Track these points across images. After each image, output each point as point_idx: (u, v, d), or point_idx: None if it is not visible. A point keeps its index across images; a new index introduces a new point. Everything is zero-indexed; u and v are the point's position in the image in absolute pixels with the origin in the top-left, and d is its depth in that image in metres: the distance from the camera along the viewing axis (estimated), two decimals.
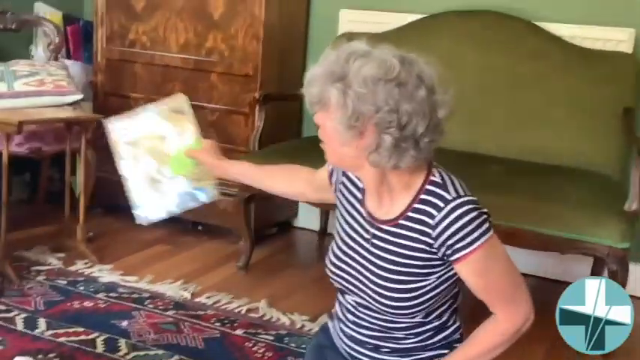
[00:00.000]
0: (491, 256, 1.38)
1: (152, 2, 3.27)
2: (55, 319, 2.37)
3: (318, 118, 1.36)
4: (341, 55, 1.31)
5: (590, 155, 2.75)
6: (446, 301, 1.47)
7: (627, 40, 2.82)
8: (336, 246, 1.52)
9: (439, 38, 2.99)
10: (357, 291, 1.47)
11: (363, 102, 1.27)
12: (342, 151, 1.36)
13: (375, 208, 1.45)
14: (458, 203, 1.35)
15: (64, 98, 2.99)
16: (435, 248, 1.38)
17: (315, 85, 1.32)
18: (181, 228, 3.40)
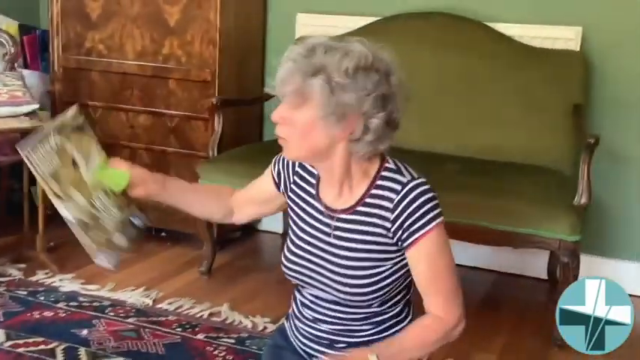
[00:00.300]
0: (441, 243, 1.43)
1: (107, 10, 3.27)
2: (14, 329, 2.36)
3: (292, 111, 1.37)
4: (309, 48, 1.36)
5: (543, 152, 2.81)
6: (400, 290, 1.51)
7: (575, 38, 2.89)
8: (292, 243, 1.55)
9: (393, 40, 2.95)
10: (316, 283, 1.49)
11: (348, 90, 1.33)
12: (315, 142, 1.38)
13: (333, 199, 1.48)
14: (414, 184, 1.41)
15: (19, 108, 2.97)
16: (391, 233, 1.43)
17: (293, 78, 1.35)
18: (144, 235, 3.40)
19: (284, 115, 1.39)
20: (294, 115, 1.37)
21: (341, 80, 1.33)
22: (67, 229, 3.34)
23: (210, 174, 2.83)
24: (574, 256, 2.37)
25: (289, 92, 1.36)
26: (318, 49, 1.36)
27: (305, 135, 1.38)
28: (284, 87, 1.37)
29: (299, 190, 1.55)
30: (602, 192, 2.94)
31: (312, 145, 1.40)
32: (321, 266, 1.48)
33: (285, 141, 1.41)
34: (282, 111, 1.40)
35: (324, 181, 1.50)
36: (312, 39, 1.40)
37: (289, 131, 1.39)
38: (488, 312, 2.78)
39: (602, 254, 3.02)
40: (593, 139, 2.40)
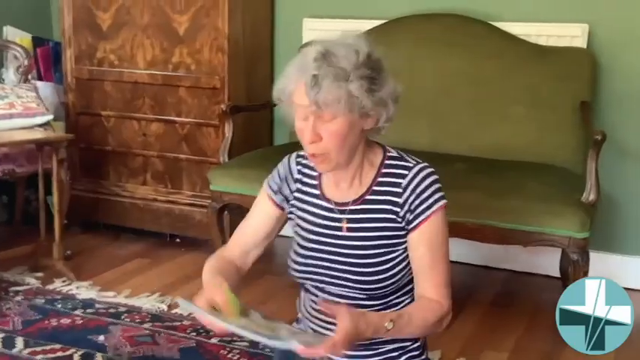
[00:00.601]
0: (443, 226, 1.48)
1: (118, 20, 3.32)
2: (32, 337, 2.40)
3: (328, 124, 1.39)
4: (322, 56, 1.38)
5: (551, 150, 2.82)
6: (409, 280, 1.54)
7: (581, 36, 2.89)
8: (299, 246, 1.57)
9: (400, 43, 3.05)
10: (330, 279, 1.52)
11: (375, 82, 1.40)
12: (351, 144, 1.44)
13: (342, 194, 1.53)
14: (420, 167, 1.49)
15: (33, 120, 3.04)
16: (400, 217, 1.48)
17: (336, 92, 1.36)
18: (159, 241, 3.45)
19: (320, 130, 1.40)
20: (332, 127, 1.40)
21: (367, 74, 1.38)
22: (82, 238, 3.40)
23: (221, 179, 2.87)
24: (584, 253, 2.38)
25: (336, 107, 1.37)
26: (331, 55, 1.39)
27: (344, 142, 1.42)
28: (329, 104, 1.37)
29: (303, 195, 1.58)
30: (611, 188, 2.95)
31: (350, 149, 1.45)
32: (335, 261, 1.51)
33: (327, 156, 1.43)
34: (317, 127, 1.40)
35: (333, 179, 1.53)
36: (315, 47, 1.42)
37: (329, 144, 1.41)
38: (500, 310, 2.79)
39: (611, 250, 3.03)
40: (600, 136, 2.41)
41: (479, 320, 2.68)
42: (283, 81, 1.45)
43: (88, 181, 3.55)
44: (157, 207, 3.40)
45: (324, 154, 1.43)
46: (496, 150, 2.87)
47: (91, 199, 3.53)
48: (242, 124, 3.20)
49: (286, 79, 1.44)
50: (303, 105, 1.40)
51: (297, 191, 1.59)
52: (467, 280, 3.07)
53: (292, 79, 1.42)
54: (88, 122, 3.50)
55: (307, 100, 1.38)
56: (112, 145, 3.47)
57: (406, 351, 1.58)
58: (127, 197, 3.46)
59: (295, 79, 1.41)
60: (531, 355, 2.41)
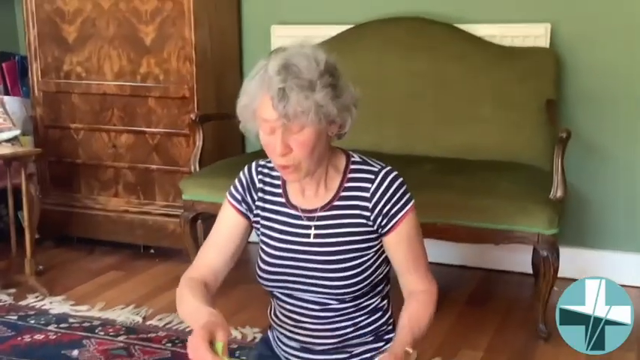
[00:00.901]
0: (417, 223, 1.52)
1: (83, 33, 3.30)
2: (6, 354, 2.38)
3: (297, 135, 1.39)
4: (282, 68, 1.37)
5: (518, 148, 2.86)
6: (381, 279, 1.56)
7: (544, 35, 2.94)
8: (266, 254, 1.56)
9: (367, 47, 3.08)
10: (300, 286, 1.52)
11: (338, 88, 1.41)
12: (320, 152, 1.45)
13: (309, 200, 1.53)
14: (385, 172, 1.50)
15: (1, 135, 3.01)
16: (371, 221, 1.49)
17: (304, 103, 1.36)
18: (133, 253, 3.43)
19: (289, 141, 1.40)
20: (301, 137, 1.40)
21: (330, 82, 1.39)
22: (55, 252, 3.36)
23: (193, 189, 2.86)
24: (553, 249, 2.41)
25: (306, 119, 1.37)
26: (293, 66, 1.38)
27: (313, 151, 1.42)
28: (298, 116, 1.36)
29: (266, 204, 1.57)
30: (580, 185, 3.00)
31: (319, 157, 1.45)
32: (304, 268, 1.51)
33: (297, 166, 1.43)
34: (286, 139, 1.39)
35: (298, 186, 1.53)
36: (274, 60, 1.40)
37: (300, 155, 1.41)
38: (475, 309, 2.82)
39: (583, 245, 3.07)
40: (565, 133, 2.44)
41: (454, 320, 2.70)
42: (245, 98, 1.44)
43: (59, 194, 3.52)
44: (131, 218, 3.38)
45: (294, 165, 1.43)
46: (465, 150, 2.90)
47: (63, 212, 3.50)
48: (213, 132, 3.20)
49: (248, 96, 1.43)
50: (271, 119, 1.39)
51: (260, 200, 1.58)
52: (442, 280, 3.03)
53: (256, 95, 1.41)
54: (57, 136, 3.48)
55: (275, 114, 1.37)
56: (82, 157, 3.45)
57: (379, 352, 1.58)
58: (100, 210, 3.44)
59: (259, 95, 1.40)
60: (506, 351, 2.44)
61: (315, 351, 1.56)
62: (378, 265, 1.54)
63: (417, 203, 1.51)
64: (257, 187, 1.58)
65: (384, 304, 1.60)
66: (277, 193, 1.57)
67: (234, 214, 1.58)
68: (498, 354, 2.42)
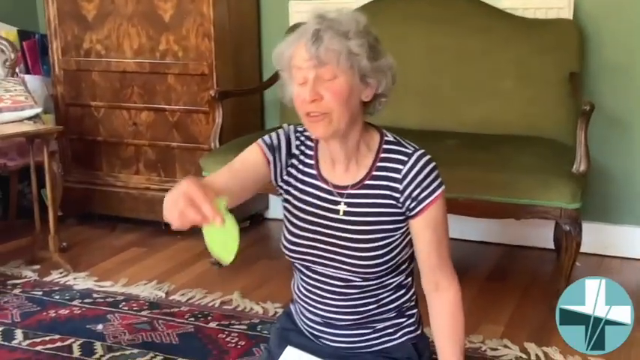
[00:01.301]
0: (444, 210, 1.51)
1: (103, 10, 3.30)
2: (31, 329, 2.41)
3: (329, 82, 1.38)
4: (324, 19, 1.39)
5: (541, 122, 2.83)
6: (405, 260, 1.56)
7: (567, 7, 2.89)
8: (293, 225, 1.56)
9: (387, 21, 3.04)
10: (325, 261, 1.52)
11: (375, 49, 1.41)
12: (352, 108, 1.43)
13: (341, 176, 1.52)
14: (419, 154, 1.48)
15: (22, 113, 3.03)
16: (400, 202, 1.48)
17: (335, 46, 1.36)
18: (154, 230, 3.46)
19: (320, 89, 1.38)
20: (333, 86, 1.38)
21: (368, 39, 1.39)
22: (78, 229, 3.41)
23: (212, 166, 2.86)
24: (576, 224, 2.39)
25: (336, 60, 1.36)
26: (332, 17, 1.39)
27: (346, 102, 1.40)
28: (329, 57, 1.36)
29: (298, 173, 1.56)
30: (604, 158, 2.96)
31: (351, 113, 1.43)
32: (331, 243, 1.51)
33: (327, 116, 1.40)
34: (317, 86, 1.38)
35: (329, 160, 1.53)
36: (314, 13, 1.42)
37: (331, 104, 1.39)
38: (496, 284, 2.81)
39: (605, 220, 3.04)
40: (589, 106, 2.41)
41: (475, 295, 2.69)
42: (282, 45, 1.45)
43: (81, 172, 3.55)
44: (151, 195, 3.40)
45: (325, 114, 1.40)
46: (486, 125, 2.88)
47: (85, 190, 3.53)
48: (232, 109, 3.19)
49: (286, 43, 1.44)
50: (303, 64, 1.38)
51: (292, 167, 1.56)
52: (463, 256, 3.08)
53: (292, 43, 1.42)
54: (78, 113, 3.50)
55: (307, 55, 1.37)
56: (103, 135, 3.47)
57: (402, 327, 1.60)
58: (121, 187, 3.46)
59: (296, 42, 1.41)
60: (527, 326, 2.43)
61: (338, 325, 1.57)
62: (404, 246, 1.53)
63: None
64: (292, 152, 1.56)
65: (407, 281, 1.60)
66: (310, 164, 1.55)
67: (261, 159, 1.53)
68: (519, 329, 2.41)
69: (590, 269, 2.86)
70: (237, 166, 1.53)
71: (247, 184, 1.52)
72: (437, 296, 1.55)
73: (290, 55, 1.42)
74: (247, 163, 1.53)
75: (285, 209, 1.59)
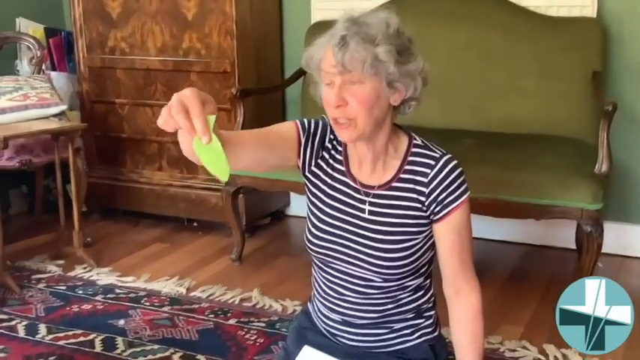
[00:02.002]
0: (468, 215, 1.51)
1: (127, 8, 3.34)
2: (55, 323, 2.46)
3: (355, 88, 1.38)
4: (353, 23, 1.39)
5: (562, 121, 2.81)
6: (425, 262, 1.57)
7: (590, 5, 2.86)
8: (317, 219, 1.57)
9: (410, 18, 2.93)
10: (347, 257, 1.53)
11: (404, 54, 1.40)
12: (378, 114, 1.43)
13: (367, 176, 1.53)
14: (446, 159, 1.48)
15: (48, 110, 3.08)
16: (425, 206, 1.49)
17: (361, 52, 1.36)
18: (177, 226, 3.50)
19: (345, 95, 1.39)
20: (359, 92, 1.39)
21: (397, 44, 1.39)
22: (102, 225, 3.44)
23: None
24: (597, 225, 2.37)
25: (360, 67, 1.36)
26: (363, 22, 1.39)
27: (371, 109, 1.40)
28: (354, 64, 1.36)
29: (327, 167, 1.56)
30: (627, 158, 2.93)
31: (377, 118, 1.43)
32: (354, 241, 1.52)
33: (353, 121, 1.41)
34: (343, 92, 1.39)
35: (357, 159, 1.53)
36: (346, 15, 1.42)
37: (356, 110, 1.40)
38: (516, 284, 2.80)
39: (627, 221, 3.01)
40: (611, 106, 2.39)
41: (495, 295, 2.69)
42: (313, 48, 1.45)
43: (105, 168, 3.60)
44: (174, 192, 3.43)
45: (350, 120, 1.41)
46: (507, 123, 2.86)
47: (109, 186, 3.58)
48: (253, 107, 3.21)
49: (315, 47, 1.45)
50: (330, 69, 1.39)
51: (322, 159, 1.56)
52: (484, 256, 3.07)
53: (322, 46, 1.43)
54: (102, 110, 3.54)
55: (334, 61, 1.38)
56: (127, 132, 3.51)
57: (419, 328, 1.60)
58: (144, 183, 3.50)
59: (325, 46, 1.42)
60: (547, 327, 2.42)
61: (356, 324, 1.58)
62: (426, 249, 1.54)
63: None
64: (325, 144, 1.56)
65: (426, 282, 1.61)
66: (340, 160, 1.56)
67: (294, 135, 1.51)
68: (539, 330, 2.40)
69: (611, 270, 2.84)
70: (267, 131, 1.52)
71: (269, 153, 1.49)
72: (458, 301, 1.55)
73: (319, 58, 1.43)
74: (279, 133, 1.51)
75: (311, 202, 1.59)
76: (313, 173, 1.57)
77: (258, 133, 1.49)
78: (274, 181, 2.82)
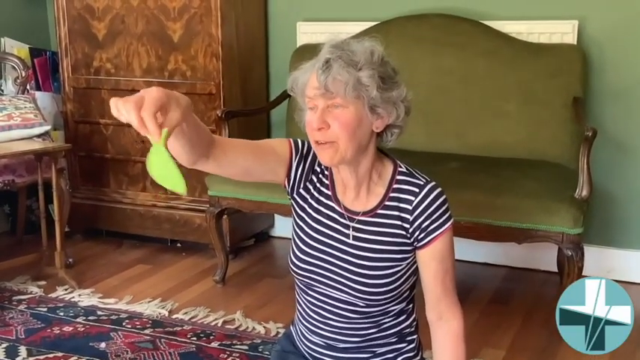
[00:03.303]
0: (451, 242, 1.52)
1: (113, 29, 3.35)
2: (35, 345, 2.44)
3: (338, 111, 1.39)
4: (337, 48, 1.40)
5: (544, 146, 2.84)
6: (408, 287, 1.57)
7: (571, 32, 2.91)
8: (302, 242, 1.57)
9: (393, 44, 3.03)
10: (330, 282, 1.53)
11: (387, 81, 1.41)
12: (361, 138, 1.43)
13: (351, 201, 1.53)
14: (430, 187, 1.49)
15: (32, 130, 3.07)
16: (409, 233, 1.49)
17: (343, 76, 1.37)
18: (160, 247, 3.49)
19: (328, 118, 1.40)
20: (341, 115, 1.40)
21: (380, 70, 1.40)
22: (84, 245, 3.41)
23: (218, 185, 2.90)
24: (578, 249, 2.39)
25: (342, 90, 1.38)
26: (345, 47, 1.41)
27: (353, 133, 1.41)
28: (336, 86, 1.38)
29: (313, 189, 1.57)
30: (607, 183, 2.97)
31: (359, 142, 1.43)
32: (338, 266, 1.52)
33: (334, 144, 1.42)
34: (325, 115, 1.40)
35: (341, 184, 1.54)
36: (332, 41, 1.44)
37: (337, 133, 1.41)
38: (498, 307, 2.81)
39: (609, 244, 3.04)
40: (591, 132, 2.42)
41: (477, 318, 2.70)
42: (298, 72, 1.47)
43: (88, 188, 3.59)
44: (158, 213, 3.43)
45: (331, 142, 1.42)
46: (490, 147, 2.89)
47: (93, 206, 3.56)
48: (239, 128, 3.22)
49: (301, 70, 1.46)
50: (313, 92, 1.40)
51: (310, 182, 1.57)
52: (465, 278, 3.09)
53: (306, 70, 1.44)
54: (86, 131, 3.54)
55: (317, 83, 1.39)
56: (111, 152, 3.50)
57: (401, 352, 1.60)
58: (128, 204, 3.49)
59: (309, 70, 1.43)
60: (529, 350, 2.44)
61: (339, 349, 1.58)
62: (409, 275, 1.55)
63: None
64: (315, 168, 1.57)
65: (409, 307, 1.61)
66: (326, 184, 1.57)
67: (286, 152, 1.52)
68: (521, 353, 2.41)
69: None
70: (260, 142, 1.51)
71: (259, 164, 1.49)
72: (440, 327, 1.56)
73: (304, 82, 1.44)
74: (271, 146, 1.51)
75: (297, 225, 1.60)
76: (301, 196, 1.58)
77: (250, 143, 1.49)
78: (259, 203, 2.83)
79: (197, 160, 1.37)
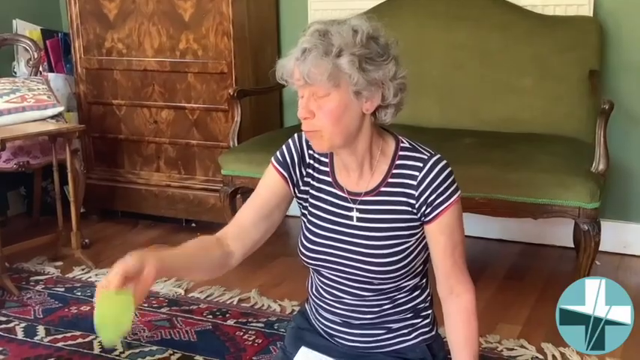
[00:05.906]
0: (459, 215, 1.50)
1: (124, 9, 3.34)
2: (53, 325, 2.46)
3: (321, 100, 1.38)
4: (319, 34, 1.37)
5: (560, 120, 2.81)
6: (421, 263, 1.57)
7: (587, 4, 2.86)
8: (309, 232, 1.57)
9: (405, 19, 3.04)
10: (340, 266, 1.53)
11: (371, 62, 1.38)
12: (348, 124, 1.41)
13: (356, 181, 1.52)
14: (435, 160, 1.47)
15: (45, 112, 3.08)
16: (415, 208, 1.48)
17: (321, 65, 1.35)
18: (175, 227, 3.50)
19: (313, 107, 1.39)
20: (325, 104, 1.39)
21: (362, 53, 1.37)
22: (100, 226, 3.43)
23: (231, 164, 2.89)
24: (594, 223, 2.37)
25: (320, 80, 1.36)
26: (328, 32, 1.38)
27: (338, 120, 1.40)
28: (313, 77, 1.36)
29: (314, 182, 1.57)
30: (624, 157, 2.94)
31: (346, 129, 1.42)
32: (345, 249, 1.52)
33: (318, 133, 1.42)
34: (310, 104, 1.39)
35: (342, 166, 1.53)
36: (314, 25, 1.41)
37: (322, 122, 1.40)
38: (514, 283, 2.80)
39: (626, 219, 3.01)
40: (608, 105, 2.39)
41: (493, 294, 2.69)
42: (283, 60, 1.45)
43: (102, 169, 3.60)
44: (172, 193, 3.44)
45: (316, 132, 1.41)
46: (505, 123, 2.86)
47: (107, 187, 3.58)
48: (251, 107, 3.22)
49: (286, 59, 1.44)
50: (296, 82, 1.40)
51: (308, 176, 1.57)
52: (481, 254, 3.08)
53: (290, 59, 1.41)
54: (100, 112, 3.54)
55: (298, 75, 1.38)
56: (124, 133, 3.51)
57: (416, 328, 1.60)
58: (142, 184, 3.50)
59: (293, 57, 1.41)
60: (545, 326, 2.42)
61: (354, 325, 1.58)
62: (419, 250, 1.53)
63: (456, 177, 1.49)
64: (307, 162, 1.57)
65: (423, 282, 1.61)
66: (325, 171, 1.56)
67: (277, 178, 1.56)
68: (536, 328, 2.40)
69: (609, 268, 2.84)
70: (259, 200, 1.57)
71: (275, 214, 1.57)
72: (451, 302, 1.55)
73: (290, 70, 1.41)
74: (269, 192, 1.56)
75: (303, 215, 1.61)
76: (303, 192, 1.58)
77: (252, 210, 1.56)
78: None
79: (222, 268, 1.55)
